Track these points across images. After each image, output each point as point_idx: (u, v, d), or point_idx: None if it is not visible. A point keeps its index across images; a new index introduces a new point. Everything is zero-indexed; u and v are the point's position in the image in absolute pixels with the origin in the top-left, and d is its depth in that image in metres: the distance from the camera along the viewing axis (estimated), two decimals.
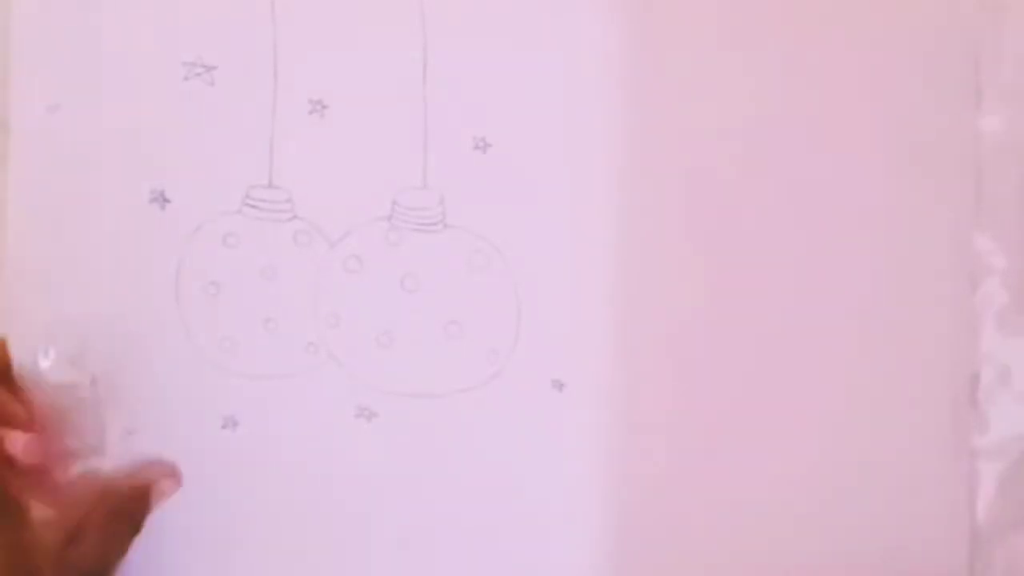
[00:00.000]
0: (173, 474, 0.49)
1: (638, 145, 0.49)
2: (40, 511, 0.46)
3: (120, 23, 0.49)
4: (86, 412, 0.49)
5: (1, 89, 0.49)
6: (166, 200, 0.49)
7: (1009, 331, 0.49)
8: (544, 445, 0.50)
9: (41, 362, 0.48)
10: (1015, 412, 0.49)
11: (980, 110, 0.48)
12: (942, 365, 0.50)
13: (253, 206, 0.49)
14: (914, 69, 0.48)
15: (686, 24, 0.49)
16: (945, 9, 0.48)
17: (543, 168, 0.49)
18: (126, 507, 0.48)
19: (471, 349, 0.50)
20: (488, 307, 0.50)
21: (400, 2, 0.49)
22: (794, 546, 0.50)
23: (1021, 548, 0.49)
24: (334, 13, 0.49)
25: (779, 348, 0.49)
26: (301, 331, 0.50)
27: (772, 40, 0.49)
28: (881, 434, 0.49)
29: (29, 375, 0.48)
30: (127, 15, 0.49)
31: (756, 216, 0.49)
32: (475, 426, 0.50)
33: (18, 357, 0.48)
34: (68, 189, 0.49)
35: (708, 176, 0.49)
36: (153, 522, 0.48)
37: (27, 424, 0.47)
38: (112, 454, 0.49)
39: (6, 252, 0.48)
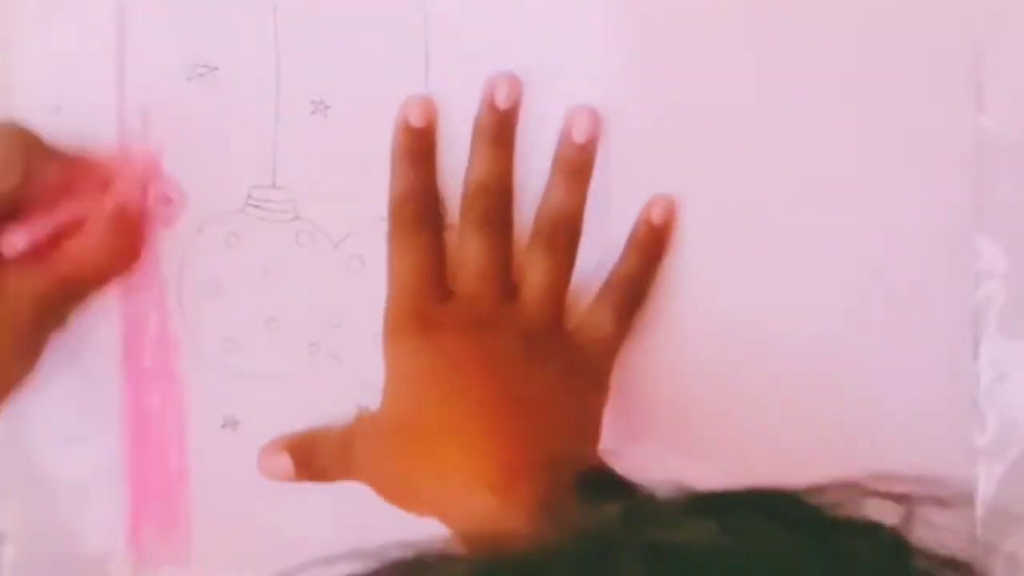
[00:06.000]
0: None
1: (637, 146, 0.49)
2: None
3: (122, 24, 0.49)
4: None
5: (2, 90, 0.49)
6: (169, 200, 0.49)
7: (1009, 332, 0.49)
8: None
9: None
10: (1015, 413, 0.49)
11: (980, 110, 0.48)
12: (941, 365, 0.50)
13: (256, 206, 0.49)
14: (914, 69, 0.48)
15: (688, 28, 0.49)
16: (945, 9, 0.48)
17: (543, 168, 0.49)
18: None
19: None
20: None
21: (402, 2, 0.49)
22: None
23: (1021, 549, 0.49)
24: (336, 13, 0.49)
25: (777, 351, 0.49)
26: (303, 331, 0.50)
27: (768, 41, 0.49)
28: (880, 436, 0.49)
29: None
30: (129, 16, 0.49)
31: (754, 218, 0.49)
32: None
33: None
34: None
35: (705, 180, 0.49)
36: None
37: None
38: None
39: None
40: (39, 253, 0.46)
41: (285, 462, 0.48)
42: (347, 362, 0.50)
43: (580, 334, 0.49)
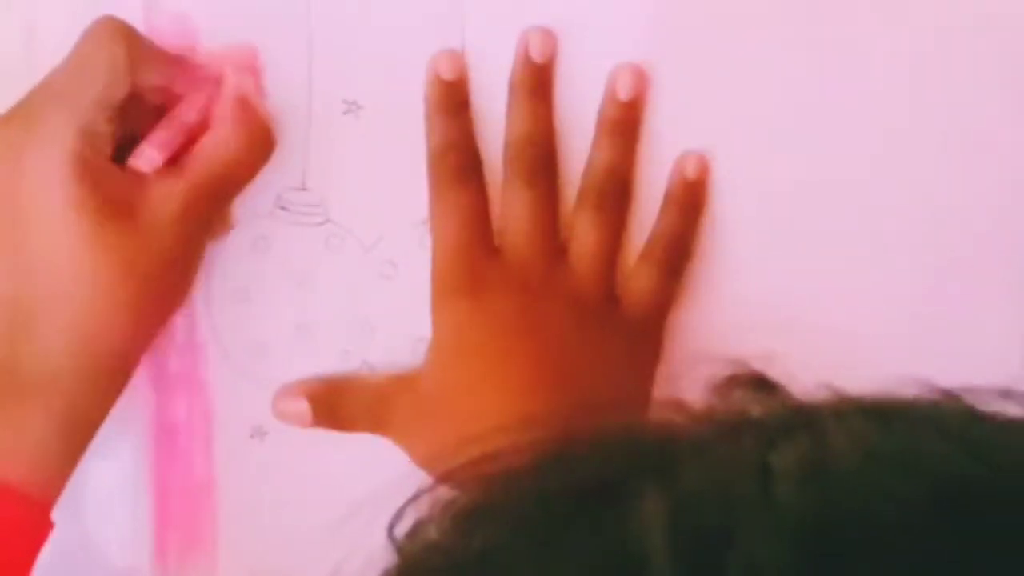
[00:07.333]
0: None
1: (677, 104, 0.48)
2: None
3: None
4: None
5: None
6: None
7: None
8: None
9: None
10: None
11: None
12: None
13: (285, 209, 0.48)
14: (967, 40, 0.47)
15: (718, 35, 0.48)
16: None
17: (579, 172, 0.48)
18: None
19: None
20: None
21: (437, 1, 0.48)
22: None
23: None
24: (370, 11, 0.48)
25: (831, 326, 0.48)
26: (334, 337, 0.49)
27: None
28: None
29: None
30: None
31: (798, 178, 0.48)
32: None
33: None
34: None
35: (753, 137, 0.48)
36: None
37: None
38: None
39: None
40: (173, 160, 0.45)
41: (302, 407, 0.48)
42: (380, 369, 0.49)
43: (627, 297, 0.48)
